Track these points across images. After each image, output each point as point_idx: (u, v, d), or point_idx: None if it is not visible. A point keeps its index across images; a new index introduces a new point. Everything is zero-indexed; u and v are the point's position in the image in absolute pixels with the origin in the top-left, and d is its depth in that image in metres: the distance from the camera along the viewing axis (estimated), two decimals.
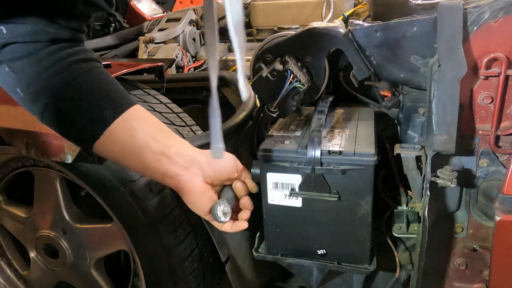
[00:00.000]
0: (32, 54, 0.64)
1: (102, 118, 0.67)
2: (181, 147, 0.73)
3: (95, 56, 0.72)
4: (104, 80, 0.70)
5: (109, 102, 0.68)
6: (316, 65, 0.83)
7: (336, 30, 0.80)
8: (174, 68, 1.57)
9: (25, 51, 0.64)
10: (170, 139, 0.73)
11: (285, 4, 1.68)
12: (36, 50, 0.65)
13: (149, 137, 0.70)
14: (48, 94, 0.66)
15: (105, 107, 0.67)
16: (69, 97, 0.66)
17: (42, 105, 0.66)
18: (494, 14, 0.68)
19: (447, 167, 0.73)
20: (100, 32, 2.13)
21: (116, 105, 0.68)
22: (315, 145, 0.77)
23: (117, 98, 0.69)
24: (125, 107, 0.69)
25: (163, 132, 0.73)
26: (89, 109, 0.67)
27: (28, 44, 0.64)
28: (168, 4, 2.76)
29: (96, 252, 1.16)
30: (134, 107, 0.70)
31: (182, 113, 1.12)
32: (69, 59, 0.67)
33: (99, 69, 0.71)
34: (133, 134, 0.69)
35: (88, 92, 0.67)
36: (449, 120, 0.70)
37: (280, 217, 0.85)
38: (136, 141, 0.69)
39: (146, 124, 0.71)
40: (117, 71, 0.99)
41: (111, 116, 0.67)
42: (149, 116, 0.73)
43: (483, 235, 0.80)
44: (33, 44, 0.64)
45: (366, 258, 0.84)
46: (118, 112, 0.68)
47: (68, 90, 0.66)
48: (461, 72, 0.67)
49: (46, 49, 0.65)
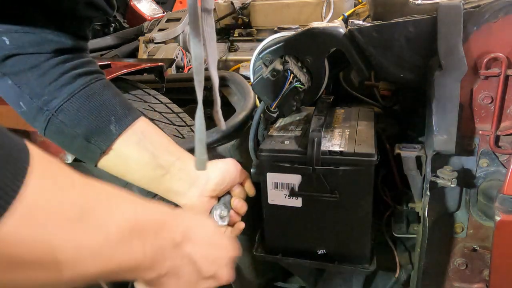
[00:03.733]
0: (36, 66, 0.63)
1: (107, 132, 0.67)
2: (185, 162, 0.72)
3: (98, 68, 0.72)
4: (108, 93, 0.70)
5: (114, 116, 0.67)
6: (316, 65, 0.83)
7: (336, 30, 0.80)
8: (174, 68, 1.57)
9: (29, 64, 0.63)
10: (175, 155, 0.72)
11: (285, 4, 1.68)
12: (39, 62, 0.64)
13: (154, 152, 0.69)
14: (52, 109, 0.65)
15: (110, 121, 0.67)
16: (73, 111, 0.66)
17: (45, 120, 0.66)
18: (494, 14, 0.67)
19: (447, 167, 0.73)
20: (100, 32, 2.13)
21: (121, 118, 0.68)
22: (315, 145, 0.77)
23: (122, 112, 0.69)
24: (130, 121, 0.68)
25: (168, 147, 0.72)
26: (94, 124, 0.66)
27: (31, 55, 0.63)
28: (168, 4, 2.76)
29: None
30: (139, 120, 0.70)
31: (182, 113, 1.12)
32: (73, 72, 0.66)
33: (103, 82, 0.70)
34: (138, 149, 0.68)
35: (93, 106, 0.67)
36: (449, 120, 0.70)
37: (280, 217, 0.85)
38: (141, 156, 0.69)
39: (151, 139, 0.70)
40: (117, 71, 0.99)
41: (116, 130, 0.67)
42: (154, 129, 0.73)
43: (483, 235, 0.80)
44: (36, 56, 0.63)
45: (366, 258, 0.84)
46: (123, 126, 0.68)
47: (72, 104, 0.66)
48: (461, 72, 0.67)
49: (49, 61, 0.64)
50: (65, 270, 0.35)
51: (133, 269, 0.43)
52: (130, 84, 1.10)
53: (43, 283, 0.34)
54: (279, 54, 0.83)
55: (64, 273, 0.35)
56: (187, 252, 0.50)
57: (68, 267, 0.35)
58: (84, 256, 0.36)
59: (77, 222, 0.36)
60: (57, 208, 0.34)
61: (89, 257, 0.36)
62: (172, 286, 0.49)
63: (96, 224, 0.38)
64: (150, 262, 0.44)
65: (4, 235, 0.30)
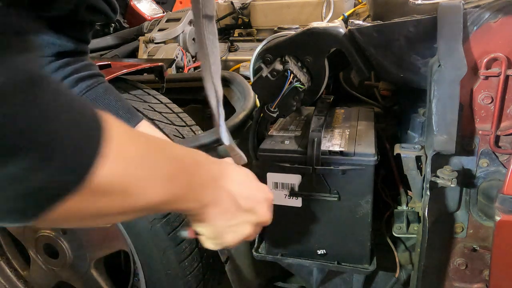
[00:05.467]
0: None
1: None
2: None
3: (99, 71, 0.72)
4: (111, 98, 0.70)
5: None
6: (316, 65, 0.83)
7: (336, 30, 0.80)
8: (174, 68, 1.57)
9: None
10: None
11: (285, 4, 1.68)
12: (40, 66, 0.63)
13: None
14: None
15: None
16: None
17: None
18: (494, 14, 0.67)
19: (447, 167, 0.73)
20: (100, 32, 2.13)
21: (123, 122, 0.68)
22: (315, 145, 0.77)
23: (125, 116, 0.69)
24: (132, 125, 0.69)
25: None
26: None
27: None
28: (168, 4, 2.76)
29: (96, 252, 1.16)
30: (141, 124, 0.71)
31: (182, 113, 1.12)
32: (75, 76, 0.66)
33: (104, 85, 0.71)
34: None
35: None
36: (449, 120, 0.70)
37: (280, 217, 0.85)
38: None
39: None
40: (117, 71, 0.99)
41: None
42: (156, 132, 0.73)
43: (483, 235, 0.80)
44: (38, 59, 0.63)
45: (366, 258, 0.84)
46: None
47: None
48: (461, 72, 0.67)
49: (51, 65, 0.64)
50: (138, 200, 0.40)
51: (182, 199, 0.48)
52: (130, 84, 1.10)
53: (119, 210, 0.40)
54: (279, 54, 0.83)
55: (137, 202, 0.41)
56: (225, 186, 0.55)
57: (141, 198, 0.41)
58: (153, 186, 0.42)
59: (151, 157, 0.42)
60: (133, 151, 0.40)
61: (157, 186, 0.42)
62: (215, 216, 0.54)
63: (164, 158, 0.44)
64: (194, 193, 0.50)
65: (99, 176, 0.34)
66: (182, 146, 0.51)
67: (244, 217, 0.58)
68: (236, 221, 0.57)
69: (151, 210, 0.45)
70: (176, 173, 0.46)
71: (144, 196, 0.41)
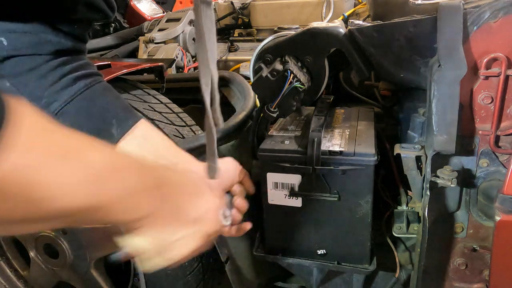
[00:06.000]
0: (34, 68, 0.63)
1: (109, 135, 0.66)
2: (186, 164, 0.72)
3: (96, 70, 0.71)
4: (109, 96, 0.70)
5: (115, 119, 0.67)
6: (316, 65, 0.83)
7: (336, 30, 0.80)
8: (174, 68, 1.57)
9: (27, 66, 0.62)
10: (176, 156, 0.72)
11: (285, 4, 1.68)
12: (38, 64, 0.63)
13: (156, 154, 0.69)
14: (52, 112, 0.64)
15: (112, 124, 0.66)
16: (75, 114, 0.65)
17: None
18: (494, 14, 0.67)
19: (447, 167, 0.73)
20: (100, 32, 2.13)
21: (123, 121, 0.68)
22: (315, 145, 0.77)
23: (123, 115, 0.69)
24: (131, 124, 0.68)
25: (169, 149, 0.72)
26: (95, 127, 0.66)
27: (30, 57, 0.62)
28: (168, 4, 2.76)
29: (96, 252, 1.16)
30: (140, 123, 0.70)
31: (182, 113, 1.12)
32: (73, 74, 0.66)
33: (103, 84, 0.70)
34: (140, 152, 0.68)
35: (94, 109, 0.66)
36: (449, 120, 0.70)
37: (280, 217, 0.85)
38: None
39: (152, 141, 0.70)
40: (117, 71, 0.99)
41: (118, 134, 0.67)
42: (155, 131, 0.72)
43: (483, 235, 0.80)
44: (35, 57, 0.62)
45: (366, 258, 0.84)
46: (124, 129, 0.67)
47: (73, 107, 0.65)
48: (461, 72, 0.67)
49: (48, 63, 0.64)
50: (44, 204, 0.35)
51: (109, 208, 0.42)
52: (130, 84, 1.10)
53: (21, 216, 0.34)
54: (279, 54, 0.83)
55: (42, 208, 0.35)
56: (167, 196, 0.50)
57: (48, 202, 0.35)
58: (63, 192, 0.36)
59: (61, 159, 0.36)
60: (43, 146, 0.34)
61: (69, 192, 0.36)
62: (156, 229, 0.49)
63: (77, 162, 0.38)
64: (126, 202, 0.43)
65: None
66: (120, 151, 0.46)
67: (191, 229, 0.53)
68: (181, 234, 0.52)
69: (67, 218, 0.39)
70: (101, 176, 0.40)
71: (55, 200, 0.35)
